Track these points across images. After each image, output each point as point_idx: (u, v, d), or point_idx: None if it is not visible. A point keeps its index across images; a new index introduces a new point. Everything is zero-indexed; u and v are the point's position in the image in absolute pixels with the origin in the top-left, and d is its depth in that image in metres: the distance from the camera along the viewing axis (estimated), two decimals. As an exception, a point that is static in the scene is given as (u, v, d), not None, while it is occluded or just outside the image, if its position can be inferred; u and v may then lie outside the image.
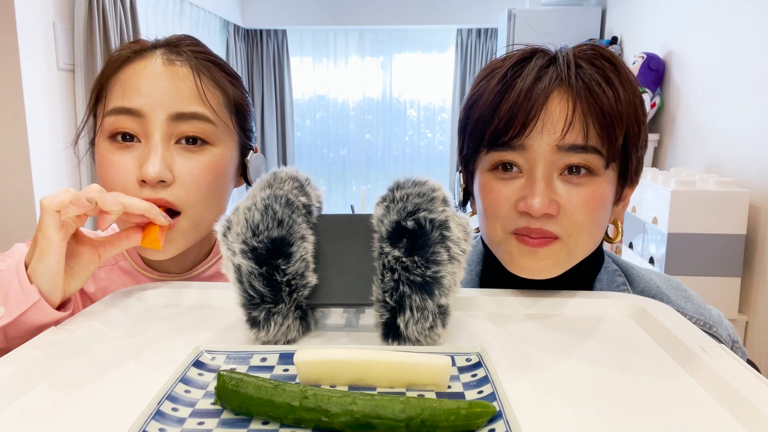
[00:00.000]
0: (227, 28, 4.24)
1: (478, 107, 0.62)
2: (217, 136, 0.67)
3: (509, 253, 0.62)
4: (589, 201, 0.59)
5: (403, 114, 4.86)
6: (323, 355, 0.42)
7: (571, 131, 0.58)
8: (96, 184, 0.56)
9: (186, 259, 0.75)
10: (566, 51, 0.62)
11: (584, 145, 0.58)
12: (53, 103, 2.24)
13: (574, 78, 0.58)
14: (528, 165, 0.60)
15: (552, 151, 0.58)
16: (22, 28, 2.04)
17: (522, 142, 0.59)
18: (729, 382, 0.41)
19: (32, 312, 0.53)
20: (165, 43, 0.68)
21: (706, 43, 2.23)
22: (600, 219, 0.62)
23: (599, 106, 0.58)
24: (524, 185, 0.60)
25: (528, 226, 0.59)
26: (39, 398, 0.41)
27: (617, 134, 0.59)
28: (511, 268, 0.63)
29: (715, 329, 0.69)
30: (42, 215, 0.54)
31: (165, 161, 0.63)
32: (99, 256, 0.60)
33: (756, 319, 1.86)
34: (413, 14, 4.33)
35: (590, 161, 0.59)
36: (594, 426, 0.38)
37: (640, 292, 0.70)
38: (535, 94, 0.58)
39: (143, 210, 0.58)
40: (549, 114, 0.58)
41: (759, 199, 1.85)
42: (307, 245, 0.51)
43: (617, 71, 0.60)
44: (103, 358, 0.48)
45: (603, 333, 0.55)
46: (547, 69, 0.60)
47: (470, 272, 0.75)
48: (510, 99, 0.59)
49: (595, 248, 0.66)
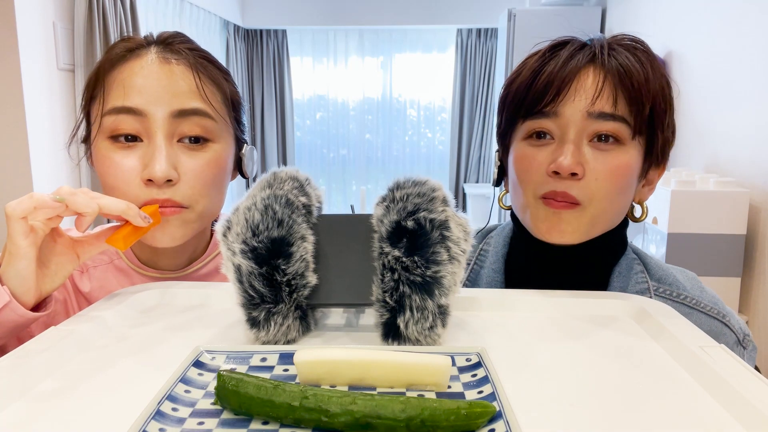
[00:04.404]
0: (227, 28, 4.24)
1: (516, 82, 0.68)
2: (217, 132, 0.68)
3: (535, 217, 0.66)
4: (613, 168, 0.63)
5: (403, 114, 4.86)
6: (323, 355, 0.42)
7: (600, 98, 0.62)
8: (66, 186, 0.56)
9: (182, 257, 0.75)
10: (600, 38, 0.67)
11: (613, 113, 0.62)
12: (53, 103, 2.24)
13: (606, 56, 0.64)
14: (560, 131, 0.64)
15: (583, 117, 0.63)
16: (22, 28, 2.04)
17: (556, 108, 0.64)
18: (729, 382, 0.41)
19: (5, 313, 0.54)
20: (158, 40, 0.69)
21: (706, 43, 2.23)
22: (622, 188, 0.65)
23: (629, 78, 0.63)
24: (555, 149, 0.64)
25: (554, 189, 0.63)
26: (38, 398, 0.41)
27: (644, 104, 0.63)
28: (535, 231, 0.67)
29: (728, 319, 0.70)
30: (8, 223, 0.54)
31: (170, 160, 0.63)
32: (78, 256, 0.60)
33: (756, 319, 1.86)
34: (413, 14, 4.33)
35: (618, 130, 0.63)
36: (594, 426, 0.38)
37: (657, 280, 0.71)
38: (570, 67, 0.64)
39: (120, 211, 0.57)
40: (581, 83, 0.63)
41: (759, 199, 1.85)
42: (307, 245, 0.51)
43: (648, 55, 0.65)
44: (102, 359, 0.48)
45: (603, 333, 0.55)
46: (581, 50, 0.66)
47: (496, 254, 0.77)
48: (546, 72, 0.65)
49: (618, 224, 0.69)
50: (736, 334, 0.69)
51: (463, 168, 4.71)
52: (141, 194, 0.63)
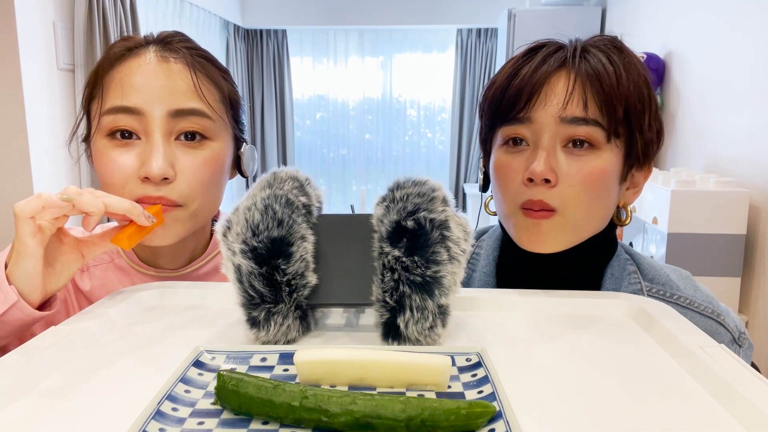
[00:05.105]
0: (227, 28, 4.24)
1: (492, 88, 0.68)
2: (215, 131, 0.68)
3: (516, 228, 0.67)
4: (587, 174, 0.63)
5: (403, 114, 4.86)
6: (323, 355, 0.42)
7: (571, 102, 0.62)
8: (73, 186, 0.56)
9: (181, 256, 0.75)
10: (577, 40, 0.67)
11: (585, 117, 0.62)
12: (53, 102, 2.24)
13: (577, 59, 0.64)
14: (534, 137, 0.64)
15: (555, 122, 0.63)
16: (22, 28, 2.04)
17: (528, 114, 0.64)
18: (729, 382, 0.41)
19: (12, 312, 0.54)
20: (157, 39, 0.69)
21: (706, 43, 2.23)
22: (599, 194, 0.64)
23: (599, 81, 0.62)
24: (530, 155, 0.64)
25: (531, 199, 0.63)
26: (39, 398, 0.41)
27: (616, 106, 0.62)
28: (517, 241, 0.67)
29: (722, 318, 0.70)
30: (16, 222, 0.54)
31: (167, 158, 0.64)
32: (83, 256, 0.60)
33: (756, 319, 1.86)
34: (413, 14, 4.33)
35: (591, 134, 0.63)
36: (594, 426, 0.38)
37: (650, 281, 0.71)
38: (540, 72, 0.64)
39: (125, 210, 0.58)
40: (551, 87, 0.63)
41: (759, 199, 1.85)
42: (307, 245, 0.51)
43: (622, 55, 0.65)
44: (102, 358, 0.48)
45: (603, 333, 0.55)
46: (554, 54, 0.65)
47: (487, 257, 0.77)
48: (518, 77, 0.65)
49: (603, 229, 0.68)
50: (731, 333, 0.69)
51: (463, 168, 4.71)
52: (137, 191, 0.64)
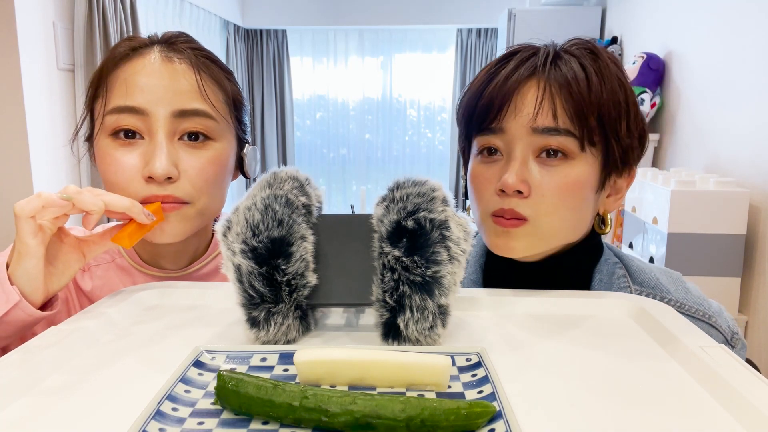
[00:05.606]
0: (227, 28, 4.24)
1: (467, 96, 0.67)
2: (218, 131, 0.68)
3: (488, 234, 0.67)
4: (560, 185, 0.62)
5: (403, 114, 4.86)
6: (323, 355, 0.42)
7: (541, 112, 0.61)
8: (72, 185, 0.56)
9: (184, 256, 0.75)
10: (551, 45, 0.66)
11: (555, 126, 0.61)
12: (53, 102, 2.24)
13: (548, 66, 0.63)
14: (507, 147, 0.64)
15: (527, 133, 0.62)
16: (22, 28, 2.04)
17: (500, 124, 0.63)
18: (729, 382, 0.41)
19: (14, 312, 0.54)
20: (161, 40, 0.69)
21: (706, 43, 2.23)
22: (573, 204, 0.63)
23: (567, 89, 0.61)
24: (503, 166, 0.64)
25: (502, 207, 0.63)
26: (39, 398, 0.41)
27: (587, 114, 0.61)
28: (489, 246, 0.67)
29: (714, 320, 0.69)
30: (16, 222, 0.54)
31: (171, 158, 0.64)
32: (84, 255, 0.60)
33: (756, 319, 1.86)
34: (413, 14, 4.33)
35: (564, 144, 0.62)
36: (594, 426, 0.38)
37: (640, 284, 0.70)
38: (511, 81, 0.63)
39: (125, 208, 0.58)
40: (522, 97, 0.62)
41: (759, 199, 1.85)
42: (307, 245, 0.51)
43: (596, 60, 0.64)
44: (103, 358, 0.48)
45: (603, 333, 0.55)
46: (526, 61, 0.64)
47: (474, 263, 0.77)
48: (491, 86, 0.64)
49: (581, 235, 0.68)
50: (723, 334, 0.69)
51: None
52: (141, 191, 0.64)
